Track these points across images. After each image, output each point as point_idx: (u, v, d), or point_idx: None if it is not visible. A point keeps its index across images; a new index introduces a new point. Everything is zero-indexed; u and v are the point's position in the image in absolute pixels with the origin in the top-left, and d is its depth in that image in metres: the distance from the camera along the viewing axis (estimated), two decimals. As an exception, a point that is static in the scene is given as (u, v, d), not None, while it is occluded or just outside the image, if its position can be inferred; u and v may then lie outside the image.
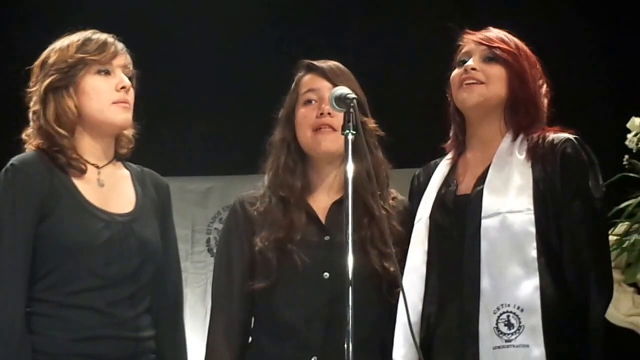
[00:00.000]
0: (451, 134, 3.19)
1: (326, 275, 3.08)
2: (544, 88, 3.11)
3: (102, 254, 2.95)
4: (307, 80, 3.23)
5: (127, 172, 3.15)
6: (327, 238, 3.13)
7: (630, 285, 3.42)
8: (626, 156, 3.46)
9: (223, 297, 3.17)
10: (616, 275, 3.38)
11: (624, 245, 3.36)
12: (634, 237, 3.36)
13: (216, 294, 3.20)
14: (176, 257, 3.22)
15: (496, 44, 3.07)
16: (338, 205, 3.14)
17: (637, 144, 3.44)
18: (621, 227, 3.39)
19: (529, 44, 3.15)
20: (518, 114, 3.06)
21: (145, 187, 3.14)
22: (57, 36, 3.09)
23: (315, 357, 3.05)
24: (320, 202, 3.20)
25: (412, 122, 5.07)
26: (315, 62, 3.24)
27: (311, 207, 3.19)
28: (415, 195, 3.20)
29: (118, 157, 3.14)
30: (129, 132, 3.14)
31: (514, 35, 3.14)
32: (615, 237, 3.37)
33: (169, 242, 3.16)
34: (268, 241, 3.11)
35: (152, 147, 3.11)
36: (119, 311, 2.96)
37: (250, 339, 3.20)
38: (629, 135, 3.48)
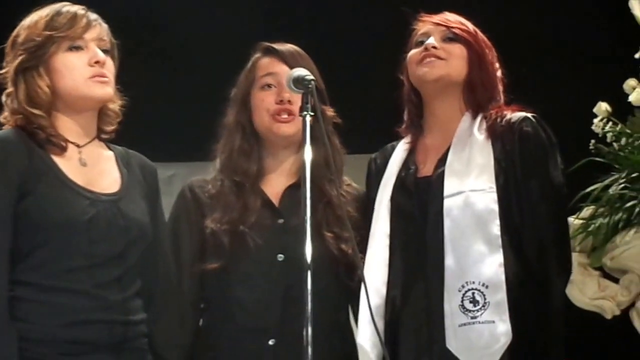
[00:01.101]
0: (405, 117, 3.19)
1: (280, 257, 3.07)
2: (499, 72, 3.14)
3: (88, 232, 2.81)
4: (265, 63, 3.20)
5: (110, 153, 3.02)
6: (280, 221, 3.12)
7: (596, 269, 3.43)
8: (592, 141, 3.46)
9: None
10: (582, 259, 3.40)
11: (590, 229, 3.37)
12: (599, 221, 3.36)
13: None
14: (167, 240, 3.09)
15: (455, 25, 3.10)
16: (292, 189, 3.14)
17: (603, 129, 3.45)
18: (587, 211, 3.39)
19: (493, 29, 3.16)
20: (476, 93, 3.07)
21: (130, 168, 3.01)
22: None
23: (273, 340, 3.04)
24: (274, 186, 3.18)
25: (368, 107, 5.05)
26: (273, 45, 3.22)
27: (264, 192, 3.16)
28: (373, 179, 3.19)
29: (103, 136, 3.01)
30: (115, 106, 3.00)
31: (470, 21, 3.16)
32: (580, 221, 3.38)
33: (159, 225, 3.03)
34: (220, 223, 3.09)
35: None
36: (107, 294, 2.83)
37: (202, 321, 3.17)
38: (595, 120, 3.48)
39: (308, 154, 2.66)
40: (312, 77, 2.75)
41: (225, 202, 3.12)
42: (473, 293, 2.88)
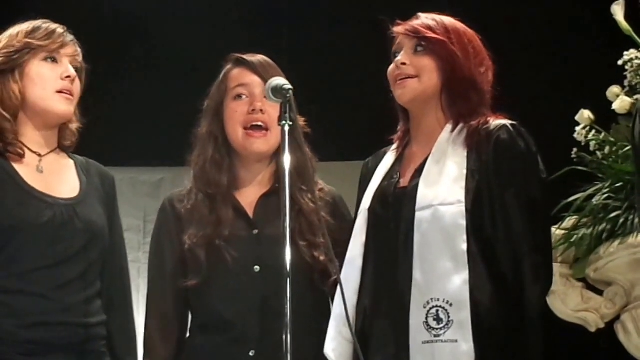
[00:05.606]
0: (400, 125, 3.15)
1: (257, 268, 3.10)
2: (485, 64, 3.04)
3: (47, 233, 2.93)
4: (236, 74, 3.22)
5: (71, 162, 3.12)
6: (255, 232, 3.14)
7: (579, 280, 3.38)
8: (575, 149, 3.42)
9: (157, 295, 3.19)
10: (564, 270, 3.35)
11: (572, 240, 3.32)
12: (582, 231, 3.32)
13: (150, 292, 3.21)
14: (122, 245, 3.20)
15: (423, 34, 3.00)
16: (265, 198, 3.18)
17: (585, 137, 3.41)
18: (569, 222, 3.35)
19: (477, 32, 3.08)
20: (456, 102, 2.99)
21: (89, 176, 3.12)
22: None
23: (253, 351, 3.06)
24: (248, 196, 3.20)
25: (361, 114, 5.02)
26: (244, 56, 3.23)
27: (238, 202, 3.19)
28: (364, 182, 3.15)
29: (62, 148, 3.12)
30: (73, 126, 3.11)
31: (447, 15, 3.06)
32: (563, 232, 3.33)
33: (115, 230, 3.14)
34: (196, 238, 3.12)
35: (105, 138, 3.07)
36: (66, 295, 2.93)
37: (187, 334, 3.20)
38: (578, 128, 3.45)
39: (287, 164, 2.67)
40: (290, 86, 2.75)
41: (200, 217, 3.15)
42: (437, 310, 2.82)
